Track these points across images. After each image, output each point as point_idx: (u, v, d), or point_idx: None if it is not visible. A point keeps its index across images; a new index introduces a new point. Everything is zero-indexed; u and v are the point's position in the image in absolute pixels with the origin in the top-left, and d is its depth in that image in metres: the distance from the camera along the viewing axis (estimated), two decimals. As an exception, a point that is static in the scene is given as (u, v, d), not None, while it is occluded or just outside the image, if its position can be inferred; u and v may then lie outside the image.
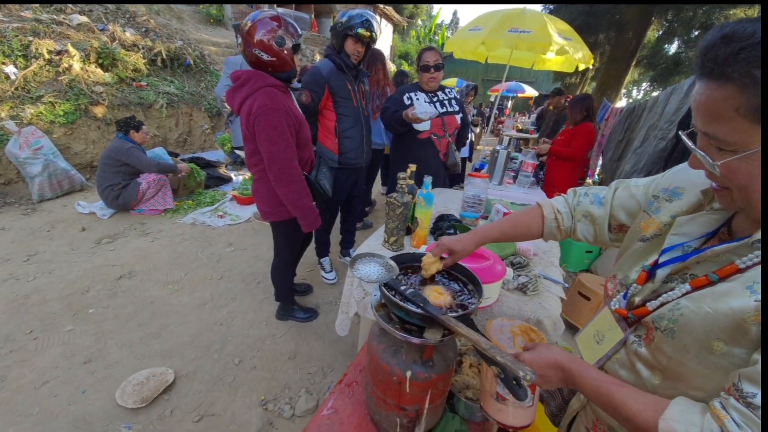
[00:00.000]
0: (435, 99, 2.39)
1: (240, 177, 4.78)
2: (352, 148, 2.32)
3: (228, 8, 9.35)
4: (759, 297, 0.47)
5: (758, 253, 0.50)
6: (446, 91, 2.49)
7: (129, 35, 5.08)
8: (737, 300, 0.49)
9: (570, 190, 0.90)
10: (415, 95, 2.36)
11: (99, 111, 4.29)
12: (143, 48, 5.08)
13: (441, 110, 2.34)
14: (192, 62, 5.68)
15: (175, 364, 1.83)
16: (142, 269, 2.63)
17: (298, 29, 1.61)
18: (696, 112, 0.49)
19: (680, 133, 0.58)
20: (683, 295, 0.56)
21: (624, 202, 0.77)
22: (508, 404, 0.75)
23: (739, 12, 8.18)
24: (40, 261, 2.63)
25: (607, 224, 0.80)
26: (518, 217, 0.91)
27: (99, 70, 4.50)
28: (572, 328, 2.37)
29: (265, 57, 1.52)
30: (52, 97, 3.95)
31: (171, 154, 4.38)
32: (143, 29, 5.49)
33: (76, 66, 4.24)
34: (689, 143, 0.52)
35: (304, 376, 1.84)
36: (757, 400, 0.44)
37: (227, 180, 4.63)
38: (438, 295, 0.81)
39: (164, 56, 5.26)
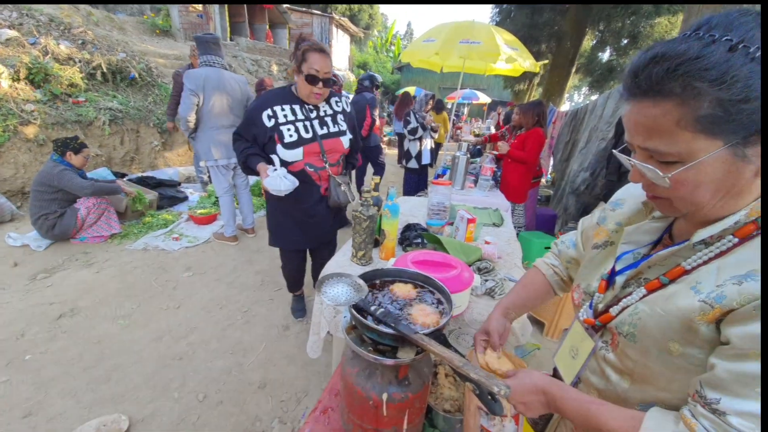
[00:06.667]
0: (313, 115, 1.74)
1: (196, 195, 4.52)
2: None
3: (176, 19, 8.94)
4: (702, 297, 0.49)
5: (701, 254, 0.53)
6: (333, 101, 1.84)
7: (63, 48, 4.68)
8: (683, 300, 0.51)
9: (552, 244, 0.98)
10: (283, 111, 1.68)
11: (30, 131, 3.88)
12: (80, 61, 4.70)
13: (320, 132, 1.74)
14: (137, 75, 5.33)
15: (129, 409, 1.66)
16: (85, 305, 2.38)
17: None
18: (633, 131, 0.51)
19: (614, 151, 0.61)
20: (640, 298, 0.59)
21: (588, 233, 0.82)
22: None
23: (663, 20, 9.16)
24: (-40, 305, 2.30)
25: None
26: (529, 285, 0.95)
27: (29, 87, 4.09)
28: (539, 324, 2.47)
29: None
30: (-27, 119, 3.52)
31: (117, 174, 4.07)
32: (80, 41, 5.09)
33: (4, 84, 3.83)
34: (631, 159, 0.54)
35: (276, 405, 1.74)
36: (722, 405, 0.45)
37: (182, 199, 4.36)
38: (425, 315, 0.79)
39: (105, 70, 4.89)
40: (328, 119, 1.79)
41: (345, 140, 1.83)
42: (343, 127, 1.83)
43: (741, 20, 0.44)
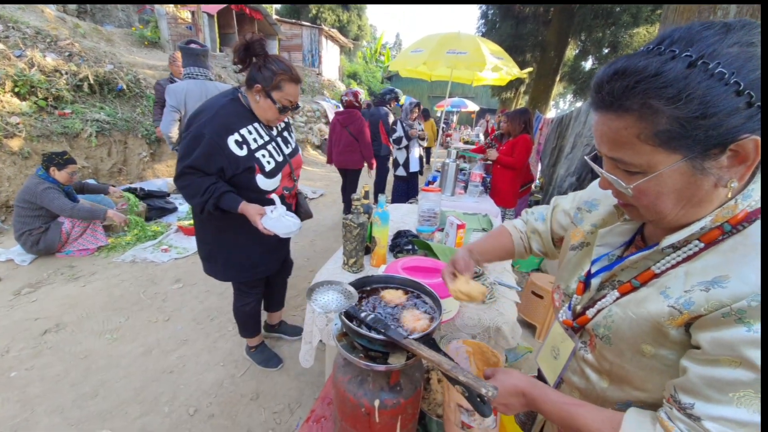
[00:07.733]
0: (274, 133, 1.62)
1: (186, 206, 4.47)
2: None
3: (165, 30, 8.94)
4: (671, 302, 0.51)
5: (669, 258, 0.55)
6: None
7: (50, 60, 4.64)
8: (653, 304, 0.53)
9: (523, 212, 0.99)
10: (251, 135, 1.48)
11: (15, 144, 3.82)
12: (67, 73, 4.65)
13: (287, 151, 1.64)
14: (125, 87, 5.30)
15: (116, 425, 1.62)
16: (71, 320, 2.33)
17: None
18: (600, 141, 0.53)
19: (586, 158, 0.63)
20: (614, 301, 0.60)
21: (559, 218, 0.85)
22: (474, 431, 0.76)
23: (642, 30, 9.49)
24: (-62, 323, 2.22)
25: (550, 238, 0.88)
26: (497, 237, 0.96)
27: (15, 100, 4.04)
28: (530, 327, 2.50)
29: (356, 104, 3.74)
30: (-44, 132, 3.45)
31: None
32: (66, 53, 5.05)
33: (-13, 96, 3.78)
34: (599, 169, 0.56)
35: (269, 416, 1.72)
36: (696, 410, 0.47)
37: (171, 210, 4.31)
38: (415, 321, 0.80)
39: (92, 81, 4.86)
40: (286, 134, 1.69)
41: (301, 153, 1.74)
42: (294, 138, 1.75)
43: (703, 34, 0.44)
